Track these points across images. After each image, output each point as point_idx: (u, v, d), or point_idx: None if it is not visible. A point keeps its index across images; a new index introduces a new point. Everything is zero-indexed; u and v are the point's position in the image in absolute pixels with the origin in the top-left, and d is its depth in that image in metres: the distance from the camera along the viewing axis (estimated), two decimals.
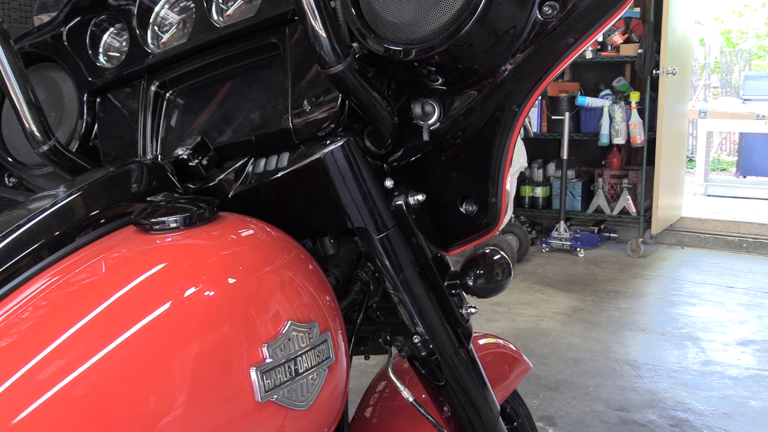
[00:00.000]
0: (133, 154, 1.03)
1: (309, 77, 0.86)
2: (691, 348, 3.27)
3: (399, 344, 0.97)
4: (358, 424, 1.21)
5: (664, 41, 4.79)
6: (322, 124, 0.83)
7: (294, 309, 0.73)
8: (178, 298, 0.66)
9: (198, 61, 0.98)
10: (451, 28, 0.72)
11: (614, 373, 2.97)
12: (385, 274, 0.88)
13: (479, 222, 0.87)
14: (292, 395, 0.71)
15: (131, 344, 0.62)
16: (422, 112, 0.83)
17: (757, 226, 5.41)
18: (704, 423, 2.54)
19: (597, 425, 2.52)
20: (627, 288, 4.24)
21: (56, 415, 0.57)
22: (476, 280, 0.92)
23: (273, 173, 0.86)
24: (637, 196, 5.13)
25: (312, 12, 0.71)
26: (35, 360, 0.59)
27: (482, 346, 1.33)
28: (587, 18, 0.74)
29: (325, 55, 0.73)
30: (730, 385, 2.85)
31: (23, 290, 0.68)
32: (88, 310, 0.63)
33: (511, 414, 1.42)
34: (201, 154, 0.90)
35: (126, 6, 1.08)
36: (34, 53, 1.18)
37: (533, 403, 2.66)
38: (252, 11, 0.92)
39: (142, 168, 0.86)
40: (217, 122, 0.97)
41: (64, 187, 0.82)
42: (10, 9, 2.79)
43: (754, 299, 4.03)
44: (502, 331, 3.41)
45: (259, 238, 0.77)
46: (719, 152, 9.81)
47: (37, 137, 0.96)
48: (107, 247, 0.74)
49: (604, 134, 5.04)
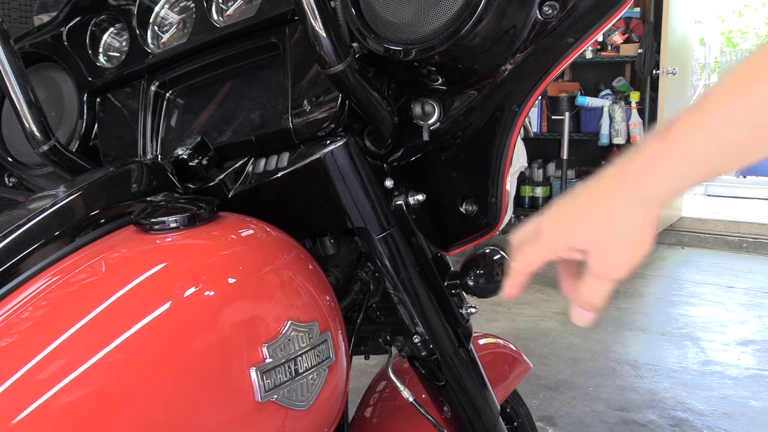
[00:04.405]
0: (133, 154, 1.03)
1: (309, 77, 0.86)
2: (691, 348, 3.27)
3: (399, 344, 0.97)
4: (358, 424, 1.21)
5: (664, 41, 4.79)
6: (322, 124, 0.83)
7: (294, 309, 0.73)
8: (178, 298, 0.66)
9: (198, 61, 0.98)
10: (451, 28, 0.72)
11: (614, 373, 2.97)
12: (385, 274, 0.88)
13: (479, 222, 0.87)
14: (292, 395, 0.71)
15: (131, 344, 0.62)
16: (422, 112, 0.83)
17: (757, 226, 5.41)
18: (704, 423, 2.54)
19: (597, 425, 2.52)
20: (627, 288, 4.24)
21: (56, 415, 0.57)
22: (476, 280, 0.92)
23: (273, 173, 0.86)
24: None
25: (312, 12, 0.71)
26: (35, 360, 0.59)
27: (482, 346, 1.33)
28: (587, 18, 0.74)
29: (325, 55, 0.73)
30: (730, 385, 2.85)
31: (23, 290, 0.68)
32: (88, 310, 0.63)
33: (511, 414, 1.41)
34: (201, 154, 0.90)
35: (126, 6, 1.08)
36: (34, 53, 1.18)
37: (533, 403, 2.66)
38: (252, 11, 0.92)
39: (142, 168, 0.86)
40: (217, 122, 0.97)
41: (64, 187, 0.82)
42: (10, 9, 2.79)
43: (754, 299, 4.03)
44: (502, 331, 3.41)
45: (259, 238, 0.77)
46: None
47: (37, 137, 0.96)
48: (107, 247, 0.74)
49: (604, 134, 5.04)
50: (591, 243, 0.60)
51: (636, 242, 0.58)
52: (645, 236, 0.58)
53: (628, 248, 0.58)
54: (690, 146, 0.55)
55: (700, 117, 0.54)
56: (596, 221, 0.59)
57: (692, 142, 0.54)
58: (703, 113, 0.54)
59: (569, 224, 0.61)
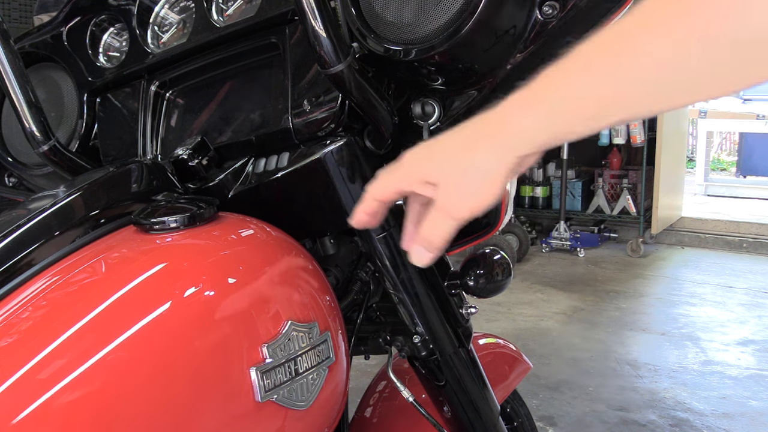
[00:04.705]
0: (133, 154, 1.03)
1: (309, 77, 0.86)
2: (691, 348, 3.27)
3: (399, 344, 0.97)
4: (358, 424, 1.21)
5: None
6: (322, 124, 0.83)
7: (294, 309, 0.73)
8: (178, 298, 0.66)
9: (198, 61, 0.98)
10: (451, 28, 0.72)
11: (614, 373, 2.97)
12: (385, 274, 0.88)
13: (479, 222, 0.87)
14: (292, 395, 0.71)
15: (131, 344, 0.62)
16: (422, 112, 0.83)
17: (757, 226, 5.41)
18: (704, 423, 2.54)
19: (597, 425, 2.52)
20: (627, 288, 4.24)
21: (56, 415, 0.57)
22: (476, 280, 0.92)
23: (273, 173, 0.86)
24: (637, 196, 5.13)
25: (312, 12, 0.71)
26: (35, 360, 0.58)
27: (482, 346, 1.33)
28: (587, 18, 0.74)
29: (325, 55, 0.73)
30: (730, 385, 2.85)
31: (23, 290, 0.68)
32: (88, 310, 0.63)
33: (511, 414, 1.42)
34: (201, 154, 0.90)
35: (126, 6, 1.08)
36: (34, 53, 1.18)
37: (533, 403, 2.66)
38: (252, 11, 0.92)
39: (142, 168, 0.86)
40: (217, 122, 0.97)
41: (64, 187, 0.82)
42: (10, 9, 2.79)
43: (754, 299, 4.03)
44: (502, 331, 3.41)
45: (259, 238, 0.77)
46: (719, 152, 9.81)
47: (37, 137, 0.96)
48: (107, 247, 0.74)
49: (604, 134, 5.04)
50: (442, 178, 0.60)
51: (485, 185, 0.59)
52: (495, 181, 0.59)
53: (476, 189, 0.59)
54: (553, 98, 0.55)
55: (568, 70, 0.54)
56: (452, 158, 0.60)
57: (554, 94, 0.55)
58: (570, 66, 0.54)
59: (427, 157, 0.62)
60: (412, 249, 0.64)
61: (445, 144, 0.61)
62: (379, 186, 0.64)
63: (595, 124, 0.55)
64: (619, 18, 0.53)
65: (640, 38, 0.50)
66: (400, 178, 0.63)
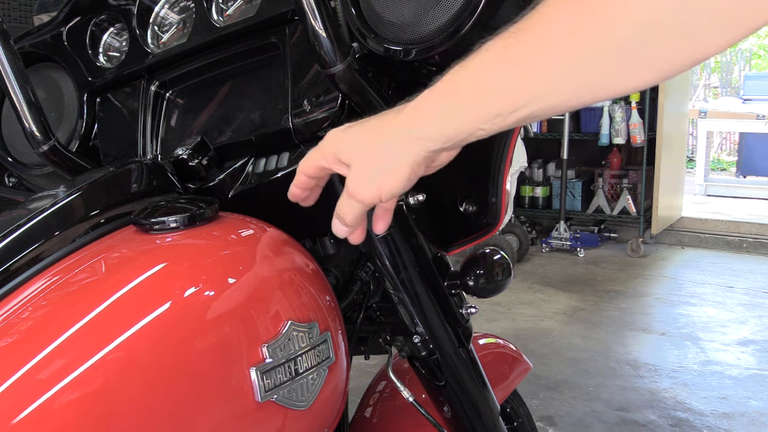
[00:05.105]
0: (133, 154, 1.03)
1: (309, 77, 0.86)
2: (691, 348, 3.27)
3: (399, 344, 0.97)
4: (358, 424, 1.21)
5: None
6: (322, 124, 0.83)
7: (294, 309, 0.73)
8: (178, 298, 0.66)
9: (198, 61, 0.98)
10: (451, 28, 0.72)
11: (614, 373, 2.97)
12: (385, 274, 0.88)
13: (479, 222, 0.87)
14: (292, 395, 0.71)
15: (131, 344, 0.62)
16: None
17: (757, 226, 5.41)
18: (704, 423, 2.54)
19: (597, 425, 2.52)
20: (627, 288, 4.24)
21: (56, 415, 0.57)
22: (476, 280, 0.92)
23: (273, 173, 0.86)
24: (637, 196, 5.13)
25: (312, 12, 0.71)
26: (35, 360, 0.59)
27: (482, 346, 1.33)
28: None
29: (325, 55, 0.73)
30: (730, 385, 2.85)
31: (23, 290, 0.68)
32: (89, 310, 0.63)
33: (511, 414, 1.42)
34: (201, 154, 0.90)
35: (126, 6, 1.08)
36: (34, 53, 1.18)
37: (533, 403, 2.66)
38: (252, 11, 0.92)
39: (142, 168, 0.86)
40: (217, 122, 0.97)
41: (64, 187, 0.82)
42: (10, 9, 2.79)
43: (754, 299, 4.03)
44: (502, 331, 3.41)
45: (259, 238, 0.77)
46: (719, 152, 9.81)
47: (37, 137, 0.96)
48: (107, 247, 0.74)
49: (604, 134, 5.03)
50: (353, 159, 0.63)
51: (390, 171, 0.60)
52: (401, 169, 0.60)
53: (381, 175, 0.61)
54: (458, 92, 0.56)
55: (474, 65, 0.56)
56: (364, 141, 0.62)
57: (459, 88, 0.56)
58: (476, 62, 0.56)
59: (344, 138, 0.64)
60: (333, 221, 0.67)
61: (362, 127, 0.63)
62: (304, 162, 0.67)
63: (501, 120, 0.56)
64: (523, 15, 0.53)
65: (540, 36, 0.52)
66: (320, 155, 0.66)
